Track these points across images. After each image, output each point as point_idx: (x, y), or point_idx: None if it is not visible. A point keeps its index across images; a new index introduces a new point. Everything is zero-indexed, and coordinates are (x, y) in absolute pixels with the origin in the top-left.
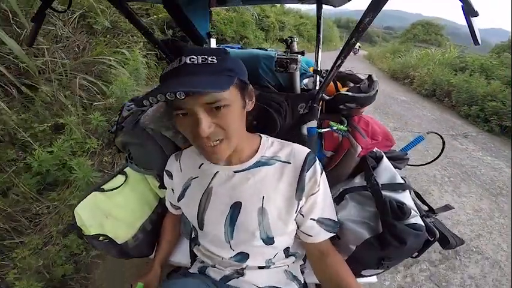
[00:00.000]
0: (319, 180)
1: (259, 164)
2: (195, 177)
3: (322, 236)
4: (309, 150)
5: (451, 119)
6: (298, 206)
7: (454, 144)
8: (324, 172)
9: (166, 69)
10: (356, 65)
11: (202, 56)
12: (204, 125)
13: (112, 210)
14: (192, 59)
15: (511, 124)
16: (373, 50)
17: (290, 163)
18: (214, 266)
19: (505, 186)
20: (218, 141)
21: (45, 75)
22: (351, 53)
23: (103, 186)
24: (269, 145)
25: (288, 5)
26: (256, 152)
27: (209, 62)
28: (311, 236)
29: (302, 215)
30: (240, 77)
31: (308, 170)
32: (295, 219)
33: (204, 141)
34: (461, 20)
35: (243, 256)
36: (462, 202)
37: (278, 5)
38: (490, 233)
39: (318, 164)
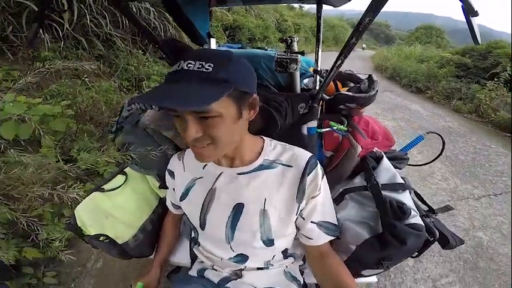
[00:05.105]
0: (320, 184)
1: (261, 167)
2: (199, 178)
3: (322, 239)
4: (311, 154)
5: (392, 87)
6: (298, 208)
7: (381, 95)
8: (325, 176)
9: (170, 70)
10: (357, 62)
11: (200, 62)
12: (190, 131)
13: (112, 211)
14: (189, 65)
15: (511, 122)
16: (377, 51)
17: (292, 167)
18: (213, 267)
19: (392, 105)
20: (205, 145)
21: None
22: (360, 49)
23: (103, 187)
24: (271, 148)
25: (305, 8)
26: (259, 154)
27: (204, 70)
28: (312, 239)
29: (303, 218)
30: (239, 88)
31: (309, 174)
32: (295, 222)
33: (191, 143)
34: (490, 23)
35: (243, 257)
36: (375, 110)
37: (297, 9)
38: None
39: (319, 168)
